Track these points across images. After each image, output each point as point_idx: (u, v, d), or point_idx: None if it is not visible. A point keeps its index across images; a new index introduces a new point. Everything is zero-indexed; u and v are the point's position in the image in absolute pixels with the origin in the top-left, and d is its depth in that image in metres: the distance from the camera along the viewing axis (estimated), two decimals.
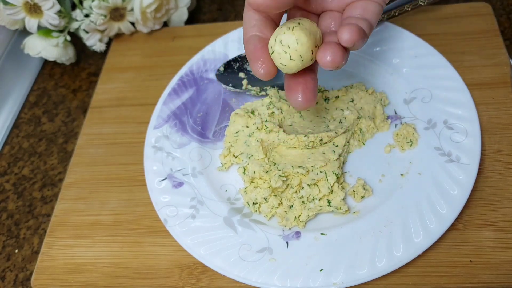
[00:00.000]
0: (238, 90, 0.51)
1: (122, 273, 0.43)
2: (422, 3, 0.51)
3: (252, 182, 0.43)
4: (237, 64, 0.53)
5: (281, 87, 0.50)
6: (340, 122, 0.46)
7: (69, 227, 0.47)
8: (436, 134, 0.44)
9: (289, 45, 0.30)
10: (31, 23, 0.55)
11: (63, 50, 0.59)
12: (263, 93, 0.50)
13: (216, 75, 0.52)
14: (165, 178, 0.46)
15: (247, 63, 0.52)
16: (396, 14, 0.52)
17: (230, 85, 0.51)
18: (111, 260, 0.44)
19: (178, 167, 0.47)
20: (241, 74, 0.52)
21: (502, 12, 0.58)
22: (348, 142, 0.45)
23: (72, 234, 0.46)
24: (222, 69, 0.52)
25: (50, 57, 0.59)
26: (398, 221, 0.40)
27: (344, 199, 0.42)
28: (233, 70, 0.52)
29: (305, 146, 0.44)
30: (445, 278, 0.39)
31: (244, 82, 0.51)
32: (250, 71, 0.52)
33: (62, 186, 0.50)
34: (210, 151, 0.48)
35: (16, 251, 0.48)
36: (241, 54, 0.53)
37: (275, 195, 0.43)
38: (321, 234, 0.41)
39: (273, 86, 0.51)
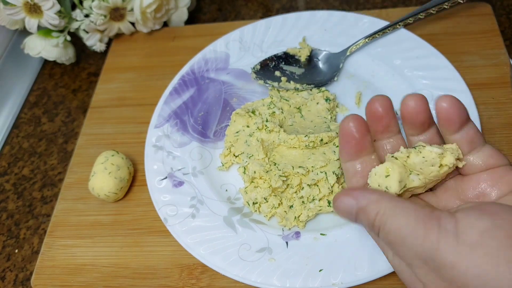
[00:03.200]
0: (274, 83, 0.51)
1: (122, 273, 0.43)
2: (446, 7, 0.50)
3: (252, 182, 0.43)
4: (273, 63, 0.53)
5: (317, 85, 0.50)
6: None
7: (69, 227, 0.47)
8: None
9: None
10: (31, 23, 0.55)
11: (63, 50, 0.59)
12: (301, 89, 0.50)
13: (253, 72, 0.52)
14: (166, 177, 0.46)
15: (283, 62, 0.53)
16: (412, 22, 0.51)
17: (268, 81, 0.51)
18: (111, 260, 0.44)
19: (179, 166, 0.47)
20: (277, 73, 0.52)
21: (502, 12, 0.58)
22: None
23: (72, 234, 0.46)
24: (258, 66, 0.52)
25: (50, 57, 0.59)
26: None
27: None
28: (269, 69, 0.52)
29: (306, 146, 0.44)
30: None
31: (283, 79, 0.51)
32: (286, 70, 0.52)
33: (62, 186, 0.50)
34: (211, 150, 0.48)
35: (16, 251, 0.48)
36: (277, 54, 0.53)
37: (275, 195, 0.43)
38: (321, 234, 0.41)
39: (309, 84, 0.50)
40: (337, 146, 0.44)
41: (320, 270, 0.38)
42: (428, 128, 0.31)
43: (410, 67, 0.49)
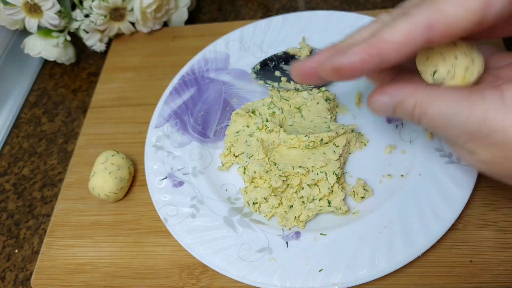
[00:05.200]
0: (274, 83, 0.51)
1: (122, 273, 0.43)
2: None
3: (252, 181, 0.43)
4: (273, 63, 0.53)
5: (317, 85, 0.50)
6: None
7: (69, 227, 0.47)
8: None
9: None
10: (31, 23, 0.55)
11: (63, 50, 0.59)
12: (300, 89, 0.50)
13: (253, 72, 0.52)
14: (166, 177, 0.46)
15: (283, 62, 0.53)
16: None
17: (268, 81, 0.51)
18: (111, 260, 0.44)
19: (179, 166, 0.47)
20: (277, 73, 0.52)
21: None
22: (348, 142, 0.45)
23: (72, 234, 0.46)
24: (258, 66, 0.52)
25: (50, 57, 0.59)
26: (398, 222, 0.40)
27: (344, 199, 0.42)
28: (269, 69, 0.52)
29: (306, 146, 0.44)
30: (445, 278, 0.39)
31: (283, 79, 0.51)
32: (286, 70, 0.52)
33: (62, 186, 0.50)
34: (211, 150, 0.48)
35: (16, 251, 0.48)
36: (277, 53, 0.53)
37: (275, 195, 0.43)
38: (321, 234, 0.41)
39: (308, 84, 0.50)
40: (337, 146, 0.44)
41: (320, 270, 0.38)
42: None
43: None
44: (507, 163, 0.27)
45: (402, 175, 0.43)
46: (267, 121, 0.46)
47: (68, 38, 0.58)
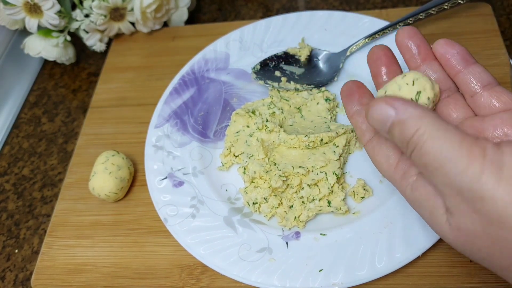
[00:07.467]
0: (274, 83, 0.51)
1: (122, 273, 0.43)
2: (446, 7, 0.50)
3: (253, 182, 0.43)
4: (273, 63, 0.53)
5: (317, 85, 0.50)
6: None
7: (69, 227, 0.47)
8: None
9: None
10: (31, 23, 0.55)
11: (63, 50, 0.59)
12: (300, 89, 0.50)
13: (253, 72, 0.52)
14: (166, 177, 0.46)
15: (283, 62, 0.53)
16: (412, 22, 0.51)
17: (268, 81, 0.51)
18: (111, 260, 0.44)
19: (179, 166, 0.47)
20: (277, 73, 0.52)
21: (502, 12, 0.59)
22: (348, 142, 0.45)
23: (72, 234, 0.46)
24: (258, 66, 0.52)
25: (50, 57, 0.59)
26: (398, 222, 0.40)
27: (344, 199, 0.42)
28: (269, 69, 0.52)
29: (306, 146, 0.44)
30: (445, 278, 0.39)
31: (283, 79, 0.51)
32: (286, 70, 0.52)
33: (62, 186, 0.50)
34: (211, 150, 0.48)
35: (16, 251, 0.48)
36: (277, 53, 0.53)
37: (275, 195, 0.43)
38: (321, 234, 0.41)
39: (309, 84, 0.50)
40: (337, 146, 0.44)
41: (320, 270, 0.38)
42: (428, 59, 0.32)
43: (410, 67, 0.49)
44: (481, 240, 0.25)
45: None
46: (267, 121, 0.46)
47: (68, 38, 0.58)
